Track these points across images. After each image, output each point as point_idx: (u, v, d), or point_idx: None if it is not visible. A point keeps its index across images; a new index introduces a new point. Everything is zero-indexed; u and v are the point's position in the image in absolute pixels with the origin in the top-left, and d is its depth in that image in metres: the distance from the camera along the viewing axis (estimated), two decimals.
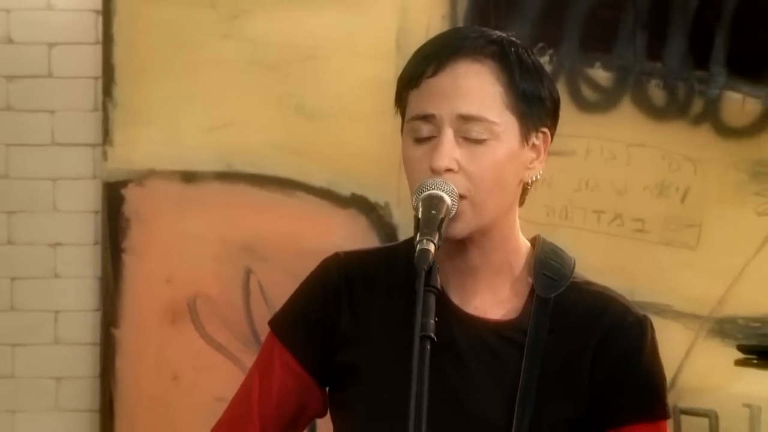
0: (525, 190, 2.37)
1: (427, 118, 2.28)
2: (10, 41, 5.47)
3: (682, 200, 5.31)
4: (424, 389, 2.03)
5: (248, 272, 5.38)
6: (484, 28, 2.53)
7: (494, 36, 2.34)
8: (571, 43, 5.33)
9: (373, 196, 5.34)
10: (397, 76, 2.39)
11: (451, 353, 2.29)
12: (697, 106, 5.31)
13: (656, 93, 5.33)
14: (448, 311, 2.26)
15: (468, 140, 2.26)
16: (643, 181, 5.32)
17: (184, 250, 5.43)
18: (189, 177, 5.43)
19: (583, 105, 5.32)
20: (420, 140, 2.29)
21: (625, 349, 2.34)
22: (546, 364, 2.32)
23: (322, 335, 2.45)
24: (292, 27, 5.43)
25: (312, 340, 2.47)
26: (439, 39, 2.40)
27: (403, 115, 2.37)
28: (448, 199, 2.20)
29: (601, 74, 5.34)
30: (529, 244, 2.43)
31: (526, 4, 5.37)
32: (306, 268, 2.54)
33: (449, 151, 2.25)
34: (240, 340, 5.31)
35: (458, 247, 2.30)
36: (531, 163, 2.35)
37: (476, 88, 2.29)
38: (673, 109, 5.34)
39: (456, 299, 2.34)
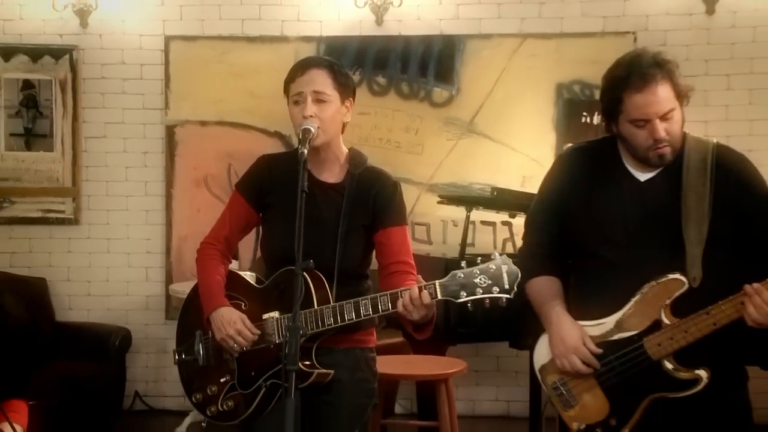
0: (343, 126, 2.63)
1: (300, 94, 2.52)
2: (123, 63, 5.75)
3: (415, 134, 5.66)
4: (302, 213, 2.27)
5: (230, 164, 5.69)
6: (320, 56, 3.10)
7: (326, 58, 2.66)
8: (369, 66, 5.67)
9: (284, 131, 5.59)
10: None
11: (312, 197, 2.45)
12: (422, 93, 5.66)
13: (405, 88, 5.67)
14: (311, 179, 2.48)
15: (319, 102, 2.51)
16: (399, 126, 5.67)
17: (201, 156, 5.72)
18: (203, 123, 5.73)
19: (374, 93, 5.67)
20: (297, 103, 2.53)
21: (387, 194, 2.60)
22: (354, 201, 2.57)
23: (257, 189, 2.67)
24: (247, 58, 5.70)
25: (252, 192, 2.68)
26: (302, 61, 2.61)
27: (287, 95, 2.58)
28: (312, 129, 2.45)
29: (381, 80, 5.67)
30: (347, 150, 2.66)
31: (349, 51, 5.65)
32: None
33: (311, 107, 2.49)
34: (225, 194, 5.47)
35: (316, 150, 2.54)
36: (344, 115, 2.60)
37: (320, 79, 2.53)
38: (412, 95, 5.68)
39: (314, 173, 2.59)
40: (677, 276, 2.25)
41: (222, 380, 2.62)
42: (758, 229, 2.28)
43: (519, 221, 5.26)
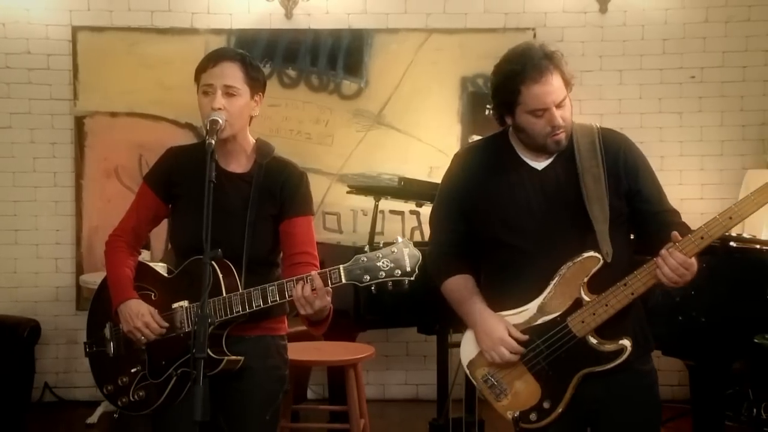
0: (251, 119, 2.58)
1: (210, 85, 2.47)
2: (29, 53, 5.55)
3: (325, 125, 5.65)
4: (210, 203, 2.23)
5: (140, 155, 5.58)
6: (233, 49, 2.97)
7: (238, 51, 2.57)
8: (279, 59, 5.62)
9: (195, 123, 5.45)
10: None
11: (220, 187, 2.43)
12: (332, 86, 5.65)
13: (315, 80, 5.66)
14: (219, 170, 2.47)
15: (228, 95, 2.45)
16: (309, 117, 5.63)
17: (111, 146, 5.61)
18: (113, 114, 5.62)
19: (284, 85, 5.62)
20: (206, 94, 2.47)
21: (293, 184, 2.55)
22: (261, 191, 2.52)
23: (164, 181, 2.62)
24: (157, 49, 5.61)
25: (160, 184, 2.62)
26: (215, 52, 2.57)
27: (198, 84, 2.53)
28: (220, 121, 2.41)
29: (291, 72, 5.63)
30: (254, 141, 2.61)
31: (259, 44, 5.58)
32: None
33: (220, 99, 2.44)
34: (136, 184, 4.75)
35: (223, 142, 2.51)
36: (253, 109, 2.55)
37: (231, 73, 2.47)
38: (322, 87, 5.66)
39: (222, 164, 2.55)
40: (592, 253, 2.28)
41: (133, 370, 2.57)
42: (649, 202, 2.35)
43: (426, 210, 5.16)
